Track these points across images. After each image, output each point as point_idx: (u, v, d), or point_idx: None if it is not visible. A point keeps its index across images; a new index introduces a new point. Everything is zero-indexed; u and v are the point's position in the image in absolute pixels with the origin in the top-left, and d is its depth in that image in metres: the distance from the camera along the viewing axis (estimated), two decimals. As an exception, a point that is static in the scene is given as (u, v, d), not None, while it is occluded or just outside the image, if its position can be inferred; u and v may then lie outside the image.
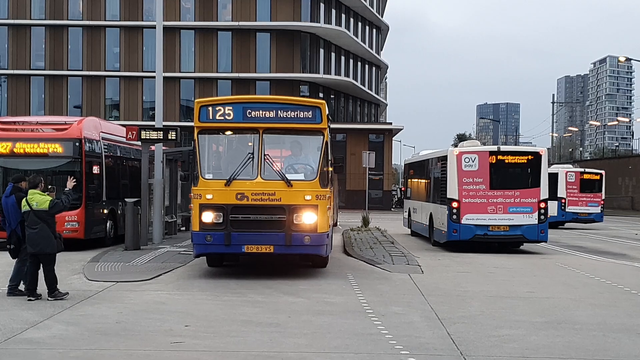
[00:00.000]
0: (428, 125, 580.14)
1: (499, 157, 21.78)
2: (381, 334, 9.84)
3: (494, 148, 22.37)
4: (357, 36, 65.54)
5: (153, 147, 21.67)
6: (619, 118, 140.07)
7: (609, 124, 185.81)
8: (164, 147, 22.56)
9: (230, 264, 16.69)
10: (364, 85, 68.53)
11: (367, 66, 70.91)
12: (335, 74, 61.77)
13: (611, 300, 13.18)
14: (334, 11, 61.20)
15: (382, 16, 73.94)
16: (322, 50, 60.61)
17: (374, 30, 72.44)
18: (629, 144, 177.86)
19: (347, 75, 64.32)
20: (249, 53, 57.58)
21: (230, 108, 14.25)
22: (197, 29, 57.62)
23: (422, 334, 9.90)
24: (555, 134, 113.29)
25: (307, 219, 13.99)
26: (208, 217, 13.99)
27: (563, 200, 36.67)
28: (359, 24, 67.70)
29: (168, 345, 9.09)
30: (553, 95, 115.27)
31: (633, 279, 16.30)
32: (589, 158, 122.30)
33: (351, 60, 66.59)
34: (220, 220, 13.97)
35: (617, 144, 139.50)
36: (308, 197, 14.00)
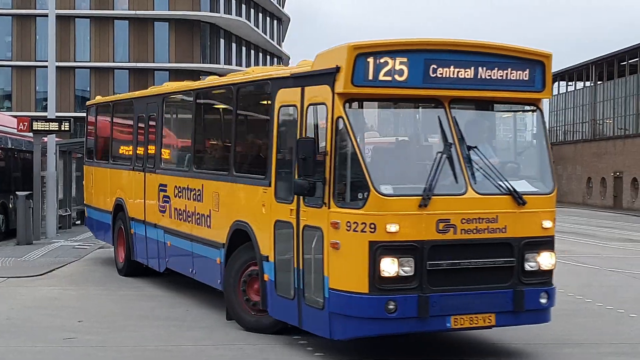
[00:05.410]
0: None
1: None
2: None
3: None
4: (258, 27, 65.33)
5: (45, 139, 21.08)
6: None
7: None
8: (57, 139, 22.01)
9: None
10: (265, 77, 68.40)
11: (268, 57, 70.77)
12: (236, 65, 61.35)
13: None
14: (234, 1, 60.79)
15: (282, 7, 73.95)
16: (222, 41, 60.15)
17: (275, 22, 72.37)
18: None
19: (248, 66, 63.93)
20: (147, 42, 56.63)
21: (404, 60, 7.84)
22: (92, 18, 56.25)
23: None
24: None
25: (544, 261, 8.28)
26: (391, 266, 7.62)
27: None
28: (260, 15, 67.48)
29: (60, 341, 8.86)
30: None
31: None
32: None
33: (252, 52, 66.35)
34: (412, 272, 7.70)
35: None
36: (547, 224, 8.30)
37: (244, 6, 62.89)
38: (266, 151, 9.01)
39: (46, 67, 22.17)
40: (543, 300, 8.24)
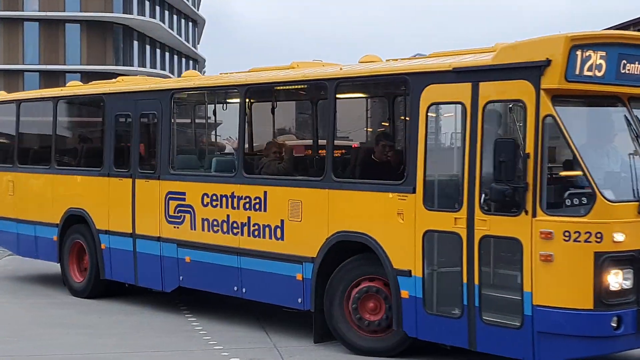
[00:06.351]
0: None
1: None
2: (195, 330, 9.80)
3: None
4: (172, 29, 64.69)
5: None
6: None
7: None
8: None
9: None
10: (180, 79, 67.86)
11: (184, 60, 70.16)
12: (150, 67, 60.62)
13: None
14: (147, 3, 60.00)
15: (197, 9, 73.46)
16: (136, 43, 59.28)
17: (190, 24, 71.82)
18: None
19: (163, 68, 63.33)
20: (58, 44, 55.40)
21: (604, 54, 7.38)
22: (0, 19, 54.70)
23: (236, 328, 9.93)
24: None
25: None
26: (617, 279, 7.16)
27: None
28: (175, 16, 66.84)
29: (-34, 353, 8.60)
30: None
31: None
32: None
33: (167, 54, 65.64)
34: (631, 285, 7.24)
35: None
36: None
37: (157, 8, 62.21)
38: (398, 155, 8.55)
39: (-49, 69, 21.56)
40: None
